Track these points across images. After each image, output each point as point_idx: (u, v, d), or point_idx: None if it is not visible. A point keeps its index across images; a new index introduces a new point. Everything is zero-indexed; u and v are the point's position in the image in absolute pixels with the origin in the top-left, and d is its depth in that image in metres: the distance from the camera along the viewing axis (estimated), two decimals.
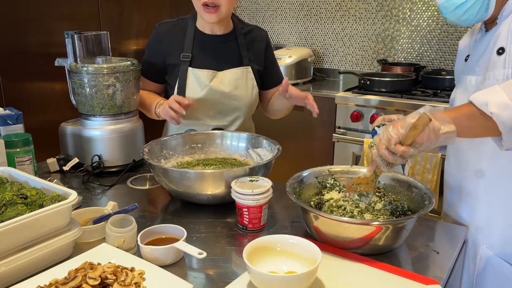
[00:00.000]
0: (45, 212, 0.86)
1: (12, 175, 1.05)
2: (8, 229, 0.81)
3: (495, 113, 0.88)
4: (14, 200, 0.89)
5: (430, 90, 2.42)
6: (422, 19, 2.76)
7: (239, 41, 1.54)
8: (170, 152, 1.35)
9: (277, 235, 0.91)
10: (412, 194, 1.07)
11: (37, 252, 0.87)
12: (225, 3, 1.38)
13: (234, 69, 1.51)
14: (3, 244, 0.82)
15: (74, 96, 1.41)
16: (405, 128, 0.90)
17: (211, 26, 1.50)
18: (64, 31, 1.37)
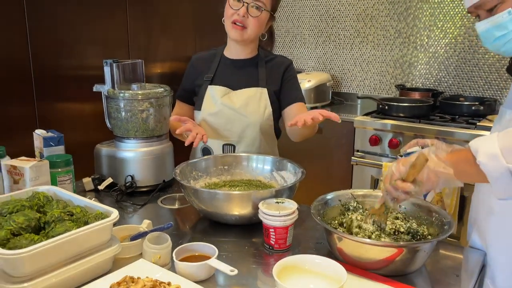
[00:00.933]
0: (91, 228, 0.94)
1: (56, 193, 1.13)
2: (58, 244, 0.89)
3: (482, 162, 0.88)
4: (62, 217, 0.97)
5: (448, 115, 2.46)
6: (439, 46, 2.82)
7: (259, 65, 1.66)
8: (199, 173, 1.42)
9: (304, 254, 0.96)
10: (432, 219, 1.11)
11: (82, 266, 0.94)
12: (252, 26, 1.54)
13: (248, 89, 1.63)
14: (54, 257, 0.90)
15: (109, 119, 1.51)
16: (406, 166, 0.95)
17: (236, 51, 1.64)
18: (103, 60, 1.48)
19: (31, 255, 0.85)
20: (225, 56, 1.68)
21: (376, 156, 2.49)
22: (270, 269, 1.06)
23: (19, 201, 1.03)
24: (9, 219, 0.94)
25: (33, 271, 0.87)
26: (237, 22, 1.53)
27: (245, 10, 1.51)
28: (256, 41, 1.65)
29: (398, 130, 2.40)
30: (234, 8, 1.52)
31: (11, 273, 0.87)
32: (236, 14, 1.52)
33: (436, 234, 1.06)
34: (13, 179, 1.20)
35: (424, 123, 2.37)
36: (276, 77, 1.67)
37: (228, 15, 1.55)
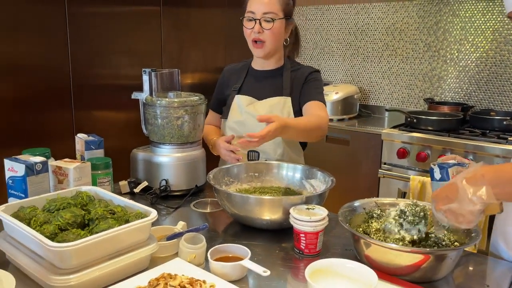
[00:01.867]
0: (132, 226, 0.99)
1: (97, 193, 1.20)
2: (102, 239, 0.95)
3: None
4: (105, 215, 1.03)
5: (479, 130, 2.44)
6: (470, 60, 2.81)
7: (284, 75, 1.70)
8: (231, 179, 1.47)
9: (336, 258, 0.99)
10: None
11: (122, 262, 0.99)
12: (269, 39, 1.60)
13: (272, 98, 1.68)
14: (97, 251, 0.95)
15: (146, 125, 1.58)
16: (474, 223, 0.95)
17: (262, 62, 1.72)
18: (142, 69, 1.55)
19: (77, 249, 0.91)
20: (252, 68, 1.75)
21: (403, 169, 2.48)
22: (300, 273, 1.09)
23: (65, 199, 1.09)
24: (57, 215, 1.01)
25: (78, 264, 0.93)
26: (255, 41, 1.61)
27: (259, 26, 1.58)
28: (280, 51, 1.70)
29: (427, 144, 2.40)
30: (249, 28, 1.60)
31: (59, 265, 0.93)
32: (252, 33, 1.60)
33: (462, 242, 1.06)
34: (57, 179, 1.27)
35: (453, 136, 2.36)
36: (299, 85, 1.69)
37: (247, 35, 1.63)
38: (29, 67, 2.18)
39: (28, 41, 2.17)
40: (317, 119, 1.55)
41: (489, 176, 0.92)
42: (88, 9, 2.40)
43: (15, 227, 0.98)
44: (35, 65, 2.21)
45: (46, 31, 2.23)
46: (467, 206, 0.93)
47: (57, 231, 0.98)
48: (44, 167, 1.20)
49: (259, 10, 1.58)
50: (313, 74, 1.71)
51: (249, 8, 1.61)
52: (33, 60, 2.20)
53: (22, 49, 2.15)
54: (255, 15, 1.58)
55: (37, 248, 0.96)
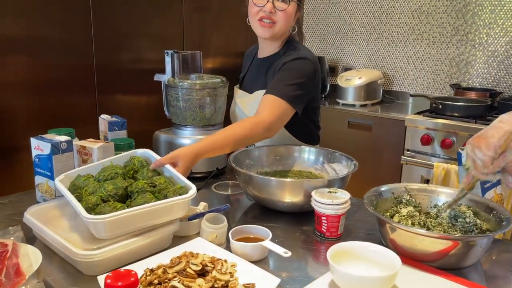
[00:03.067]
0: (167, 203, 1.01)
1: (150, 159, 1.21)
2: (135, 214, 0.97)
3: None
4: (145, 188, 1.06)
5: None
6: (499, 45, 2.71)
7: (273, 65, 1.54)
8: (251, 162, 1.47)
9: (358, 241, 0.98)
10: (489, 216, 1.09)
11: (144, 240, 1.00)
12: (281, 21, 1.45)
13: (258, 92, 1.55)
14: (129, 225, 0.98)
15: (169, 107, 1.58)
16: (492, 150, 0.92)
17: (264, 49, 1.58)
18: (165, 50, 1.55)
19: (110, 221, 0.94)
20: (256, 56, 1.65)
21: (427, 156, 2.44)
22: (321, 255, 1.09)
23: (114, 168, 1.13)
24: (102, 187, 1.06)
25: (112, 235, 0.97)
26: (264, 19, 1.45)
27: (271, 5, 1.43)
28: (284, 37, 1.54)
29: (452, 130, 2.34)
30: (259, 5, 1.45)
31: (96, 235, 0.97)
32: (262, 11, 1.44)
33: (493, 231, 1.03)
34: (81, 158, 1.29)
35: (480, 123, 2.29)
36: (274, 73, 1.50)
37: (254, 13, 1.47)
38: (53, 50, 2.21)
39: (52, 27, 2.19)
40: (247, 130, 1.33)
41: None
42: None
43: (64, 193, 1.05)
44: (59, 47, 2.23)
45: (69, 12, 2.25)
46: (494, 127, 0.92)
47: (99, 202, 1.02)
48: (69, 146, 1.22)
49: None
50: (295, 62, 1.46)
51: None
52: (56, 42, 2.22)
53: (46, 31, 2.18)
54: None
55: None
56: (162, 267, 0.91)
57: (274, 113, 1.37)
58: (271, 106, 1.38)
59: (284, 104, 1.39)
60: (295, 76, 1.43)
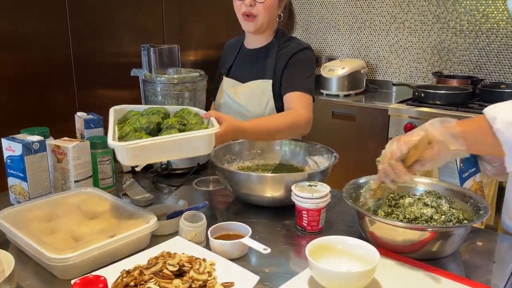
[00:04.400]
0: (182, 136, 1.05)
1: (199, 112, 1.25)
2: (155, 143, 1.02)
3: (499, 130, 0.83)
4: (173, 125, 1.13)
5: (488, 103, 2.37)
6: (480, 31, 2.72)
7: (269, 54, 1.57)
8: (233, 157, 1.45)
9: (338, 236, 0.97)
10: (466, 205, 1.09)
11: (121, 241, 0.98)
12: (262, 12, 1.49)
13: (253, 82, 1.57)
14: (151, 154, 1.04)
15: (147, 103, 1.55)
16: (408, 145, 0.91)
17: (252, 40, 1.62)
18: (141, 45, 1.52)
19: (131, 148, 1.00)
20: (244, 46, 1.67)
21: None
22: (302, 250, 1.07)
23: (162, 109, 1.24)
24: (137, 120, 1.15)
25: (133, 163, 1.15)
26: (247, 14, 1.50)
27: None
28: (272, 26, 1.58)
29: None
30: (239, 0, 1.50)
31: (121, 162, 1.04)
32: (243, 5, 1.49)
33: (471, 219, 1.03)
34: (56, 158, 1.25)
35: (462, 111, 2.31)
36: (282, 65, 1.53)
37: (237, 9, 1.52)
38: (28, 44, 2.15)
39: (27, 20, 2.13)
40: (293, 119, 1.36)
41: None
42: None
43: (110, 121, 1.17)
44: (35, 41, 2.17)
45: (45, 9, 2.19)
46: (420, 128, 0.91)
47: (131, 132, 1.10)
48: (41, 146, 1.19)
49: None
50: (300, 53, 1.51)
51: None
52: (33, 36, 2.16)
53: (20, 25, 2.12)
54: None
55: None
56: (138, 268, 0.89)
57: (308, 108, 1.45)
58: (303, 102, 1.45)
59: (309, 98, 1.48)
60: (308, 67, 1.52)
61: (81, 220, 1.06)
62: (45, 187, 1.22)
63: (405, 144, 0.92)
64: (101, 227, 1.03)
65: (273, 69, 1.54)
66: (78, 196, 1.18)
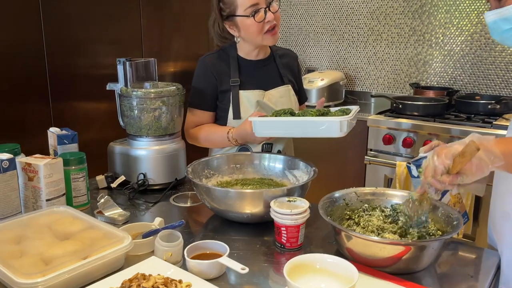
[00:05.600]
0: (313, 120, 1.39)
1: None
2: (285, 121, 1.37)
3: None
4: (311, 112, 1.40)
5: (464, 114, 2.42)
6: (455, 44, 2.78)
7: (277, 63, 1.67)
8: (211, 171, 1.43)
9: (316, 254, 0.96)
10: (438, 216, 1.10)
11: (94, 262, 0.94)
12: (279, 23, 1.55)
13: (278, 88, 1.64)
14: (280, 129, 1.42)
15: (123, 118, 1.52)
16: (450, 158, 0.90)
17: (251, 51, 1.62)
18: (116, 58, 1.49)
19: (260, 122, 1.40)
20: (242, 57, 1.62)
21: (389, 155, 2.46)
22: (282, 267, 1.05)
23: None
24: (305, 112, 1.41)
25: (266, 135, 1.47)
26: (270, 29, 1.50)
27: (271, 13, 1.48)
28: None
29: (413, 129, 2.37)
30: (261, 20, 1.48)
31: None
32: (266, 23, 1.49)
33: (444, 230, 1.04)
34: (27, 176, 1.21)
35: (439, 122, 2.34)
36: (294, 75, 1.72)
37: (257, 31, 1.49)
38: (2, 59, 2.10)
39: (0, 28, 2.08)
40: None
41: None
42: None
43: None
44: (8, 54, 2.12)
45: (19, 20, 2.14)
46: (460, 141, 0.90)
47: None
48: (11, 164, 1.14)
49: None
50: (298, 62, 1.76)
51: (248, 2, 1.46)
52: (6, 51, 2.11)
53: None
54: (260, 3, 1.46)
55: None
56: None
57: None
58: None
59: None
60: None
61: (52, 242, 1.02)
62: (15, 207, 1.17)
63: (446, 157, 0.91)
64: (74, 248, 0.99)
65: (285, 75, 1.68)
66: (49, 215, 1.13)
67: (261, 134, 1.44)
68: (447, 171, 0.92)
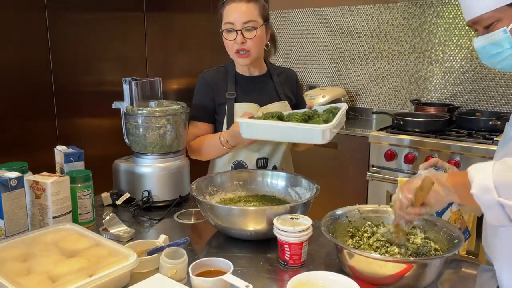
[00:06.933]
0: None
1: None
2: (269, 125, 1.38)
3: (475, 194, 0.90)
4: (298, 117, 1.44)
5: (465, 130, 2.44)
6: (455, 61, 2.82)
7: (274, 80, 1.70)
8: (215, 188, 1.44)
9: (319, 271, 0.97)
10: (440, 234, 1.11)
11: (100, 280, 0.96)
12: (253, 47, 1.56)
13: (274, 103, 1.66)
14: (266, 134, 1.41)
15: (128, 136, 1.55)
16: (412, 192, 0.98)
17: (248, 68, 1.67)
18: (122, 78, 1.52)
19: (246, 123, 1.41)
20: (239, 73, 1.68)
21: (391, 171, 2.48)
22: (285, 285, 1.06)
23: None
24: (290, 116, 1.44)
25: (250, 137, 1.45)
26: (240, 51, 1.55)
27: (241, 37, 1.52)
28: (262, 55, 1.67)
29: (414, 146, 2.39)
30: (231, 39, 1.54)
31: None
32: (235, 44, 1.54)
33: (446, 248, 1.05)
34: (35, 194, 1.23)
35: (440, 138, 2.36)
36: (291, 91, 1.74)
37: (229, 47, 1.58)
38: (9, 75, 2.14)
39: (7, 48, 2.13)
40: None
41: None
42: (69, 15, 2.37)
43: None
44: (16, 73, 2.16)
45: (26, 38, 2.19)
46: (418, 176, 1.00)
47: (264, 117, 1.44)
48: (19, 182, 1.17)
49: (238, 20, 1.51)
50: (297, 79, 1.79)
51: (226, 19, 1.53)
52: (13, 68, 2.15)
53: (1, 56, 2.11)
54: (235, 25, 1.51)
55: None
56: None
57: None
58: None
59: None
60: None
61: (59, 259, 1.04)
62: (22, 224, 1.19)
63: (408, 192, 1.00)
64: (80, 266, 1.01)
65: (282, 92, 1.70)
66: (56, 233, 1.15)
67: (247, 136, 1.43)
68: (411, 204, 0.99)
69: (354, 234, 1.17)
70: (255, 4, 1.54)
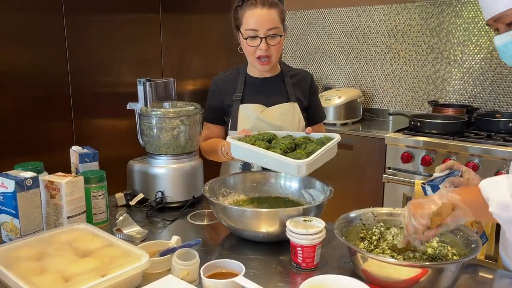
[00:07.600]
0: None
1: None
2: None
3: (494, 213, 0.89)
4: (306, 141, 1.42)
5: (484, 132, 2.38)
6: (474, 61, 2.76)
7: (285, 81, 1.68)
8: (228, 190, 1.44)
9: (331, 275, 0.95)
10: (456, 238, 1.09)
11: (112, 280, 0.96)
12: (275, 53, 1.56)
13: (281, 105, 1.64)
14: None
15: (142, 136, 1.56)
16: (426, 219, 0.96)
17: (261, 71, 1.65)
18: (137, 79, 1.53)
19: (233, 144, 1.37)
20: (249, 75, 1.68)
21: (408, 173, 2.44)
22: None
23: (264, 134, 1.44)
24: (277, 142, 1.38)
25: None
26: (262, 58, 1.54)
27: (266, 44, 1.51)
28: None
29: (431, 147, 2.35)
30: (254, 46, 1.53)
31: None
32: (258, 50, 1.53)
33: (463, 253, 1.03)
34: (50, 194, 1.25)
35: (458, 140, 2.31)
36: (304, 93, 1.71)
37: (250, 52, 1.55)
38: (27, 77, 2.18)
39: (26, 50, 2.17)
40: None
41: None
42: (86, 17, 2.40)
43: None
44: (33, 74, 2.20)
45: (44, 40, 2.23)
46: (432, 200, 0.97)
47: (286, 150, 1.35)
48: (34, 182, 1.18)
49: (263, 28, 1.49)
50: (313, 82, 1.75)
51: (249, 25, 1.51)
52: (31, 69, 2.19)
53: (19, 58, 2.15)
54: (259, 32, 1.50)
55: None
56: None
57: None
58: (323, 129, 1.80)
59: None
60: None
61: (73, 259, 1.04)
62: (37, 224, 1.21)
63: (422, 218, 0.97)
64: (93, 265, 1.01)
65: (294, 94, 1.67)
66: (70, 233, 1.16)
67: (236, 156, 1.41)
68: (427, 227, 0.97)
69: (364, 236, 1.15)
70: (276, 10, 1.53)
